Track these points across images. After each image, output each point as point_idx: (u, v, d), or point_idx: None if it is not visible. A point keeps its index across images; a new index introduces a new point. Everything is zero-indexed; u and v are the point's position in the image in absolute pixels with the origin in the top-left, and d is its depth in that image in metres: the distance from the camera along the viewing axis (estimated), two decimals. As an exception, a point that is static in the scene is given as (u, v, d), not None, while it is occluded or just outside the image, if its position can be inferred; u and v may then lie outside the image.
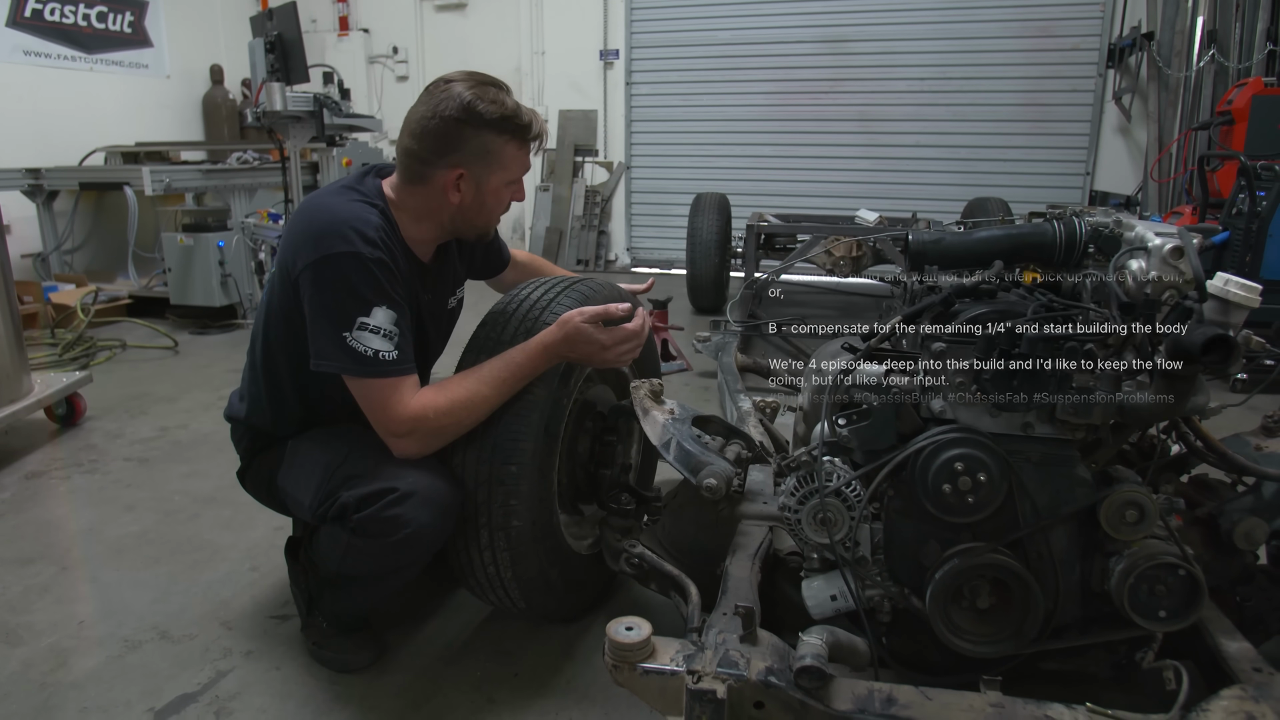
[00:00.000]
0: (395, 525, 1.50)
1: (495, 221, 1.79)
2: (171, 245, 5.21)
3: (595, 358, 1.69)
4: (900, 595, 1.42)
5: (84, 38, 6.93)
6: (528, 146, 1.68)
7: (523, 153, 1.69)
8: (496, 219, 1.78)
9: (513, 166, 1.68)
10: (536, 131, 1.68)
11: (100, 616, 1.99)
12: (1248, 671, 1.26)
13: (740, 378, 3.06)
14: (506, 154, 1.65)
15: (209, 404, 3.64)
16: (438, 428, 1.58)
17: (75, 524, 2.52)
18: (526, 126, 1.65)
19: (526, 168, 1.73)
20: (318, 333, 1.56)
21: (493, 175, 1.66)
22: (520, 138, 1.66)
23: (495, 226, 1.82)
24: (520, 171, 1.71)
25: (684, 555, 1.74)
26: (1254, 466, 1.47)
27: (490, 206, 1.72)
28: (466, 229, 1.76)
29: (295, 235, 1.62)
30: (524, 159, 1.70)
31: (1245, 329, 1.58)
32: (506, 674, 1.77)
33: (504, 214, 1.78)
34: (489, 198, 1.69)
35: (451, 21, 8.44)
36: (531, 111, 1.68)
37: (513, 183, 1.72)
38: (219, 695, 1.70)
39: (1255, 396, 1.93)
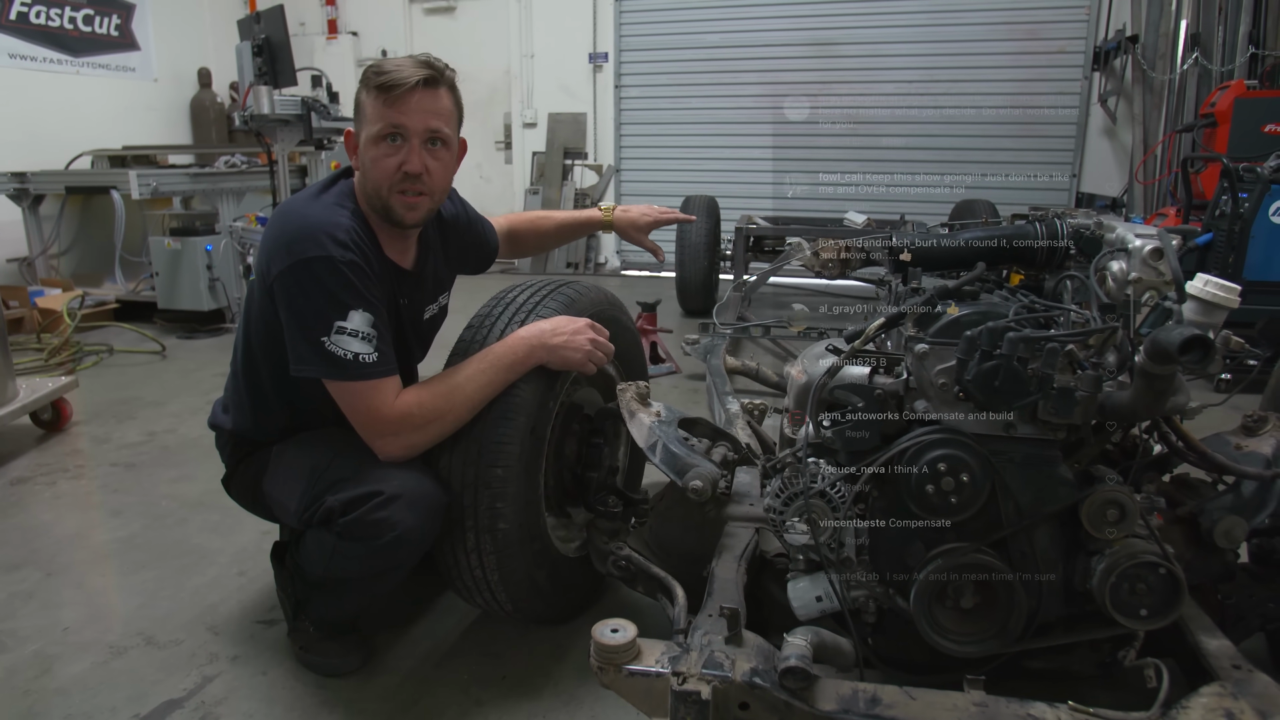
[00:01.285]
0: (381, 528, 1.50)
1: (384, 189, 1.61)
2: (159, 249, 5.19)
3: (578, 359, 1.70)
4: (885, 595, 1.42)
5: (70, 40, 6.89)
6: (383, 95, 1.56)
7: (379, 101, 1.57)
8: (383, 186, 1.61)
9: (372, 117, 1.59)
10: (388, 80, 1.55)
11: (85, 622, 1.98)
12: (1227, 669, 1.27)
13: (729, 380, 3.07)
14: (366, 104, 1.60)
15: (197, 408, 3.62)
16: (420, 426, 1.58)
17: (61, 529, 2.51)
18: (380, 73, 1.57)
19: (393, 121, 1.57)
20: (296, 338, 1.56)
21: (362, 130, 1.62)
22: (369, 85, 1.58)
23: (390, 201, 1.62)
24: (381, 122, 1.58)
25: (671, 557, 1.74)
26: (1234, 465, 1.49)
27: (367, 166, 1.62)
28: (373, 204, 1.64)
29: (269, 242, 1.61)
30: (382, 108, 1.57)
31: (1225, 329, 1.61)
32: (494, 676, 1.77)
33: (391, 183, 1.60)
34: (364, 155, 1.62)
35: (441, 24, 8.43)
36: (413, 66, 1.58)
37: (381, 138, 1.59)
38: (205, 701, 1.69)
39: (1236, 396, 1.96)
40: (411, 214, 1.65)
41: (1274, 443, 1.56)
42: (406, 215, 1.65)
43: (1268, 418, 1.61)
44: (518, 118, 8.16)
